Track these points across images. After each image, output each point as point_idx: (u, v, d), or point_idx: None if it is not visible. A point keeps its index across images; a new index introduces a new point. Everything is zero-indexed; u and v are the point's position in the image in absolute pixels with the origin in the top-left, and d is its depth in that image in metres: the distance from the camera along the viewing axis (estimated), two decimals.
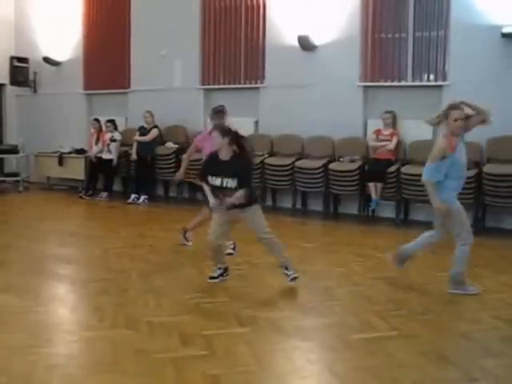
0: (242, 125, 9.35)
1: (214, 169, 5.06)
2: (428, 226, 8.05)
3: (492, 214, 8.04)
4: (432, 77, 8.66)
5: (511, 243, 7.26)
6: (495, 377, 3.58)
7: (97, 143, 10.85)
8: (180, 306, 4.74)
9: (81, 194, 10.68)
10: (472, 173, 7.80)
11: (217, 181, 5.01)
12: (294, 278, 5.21)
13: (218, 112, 6.41)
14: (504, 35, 7.77)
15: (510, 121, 7.67)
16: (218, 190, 5.09)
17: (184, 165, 6.91)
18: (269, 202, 9.40)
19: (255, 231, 5.21)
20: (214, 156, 5.13)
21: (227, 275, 5.41)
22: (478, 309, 4.84)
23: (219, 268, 5.37)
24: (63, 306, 4.88)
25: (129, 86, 11.25)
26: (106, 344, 3.92)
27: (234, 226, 5.50)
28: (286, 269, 5.23)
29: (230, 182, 4.97)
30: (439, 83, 8.50)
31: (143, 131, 10.30)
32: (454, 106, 5.14)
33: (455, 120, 5.02)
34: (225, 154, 5.03)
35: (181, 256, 6.40)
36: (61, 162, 11.43)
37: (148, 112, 10.29)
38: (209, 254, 5.39)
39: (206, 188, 5.32)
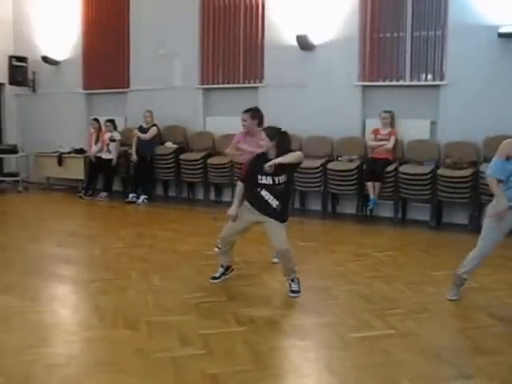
0: (241, 124, 9.44)
1: (263, 168, 5.03)
2: (425, 225, 8.19)
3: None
4: (430, 76, 8.70)
5: (507, 241, 7.25)
6: (489, 374, 3.62)
7: (96, 143, 10.87)
8: (179, 305, 4.78)
9: (80, 194, 10.71)
10: (468, 172, 7.86)
11: (268, 179, 5.03)
12: (297, 294, 5.08)
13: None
14: (501, 35, 7.80)
15: (507, 120, 7.71)
16: (267, 188, 5.07)
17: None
18: None
19: (271, 241, 5.15)
20: (262, 156, 5.13)
21: (231, 271, 5.50)
22: (473, 307, 4.89)
23: (222, 266, 5.43)
24: (63, 306, 4.91)
25: (128, 86, 11.27)
26: (105, 344, 3.97)
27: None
28: (293, 281, 5.13)
29: (282, 179, 5.02)
30: (437, 83, 8.54)
31: (142, 130, 10.32)
32: None
33: None
34: (272, 154, 5.06)
35: (180, 256, 6.44)
36: (60, 162, 11.45)
37: (148, 112, 10.32)
38: (218, 249, 5.58)
39: (240, 189, 5.28)
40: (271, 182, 5.03)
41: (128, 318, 4.44)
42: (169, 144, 10.39)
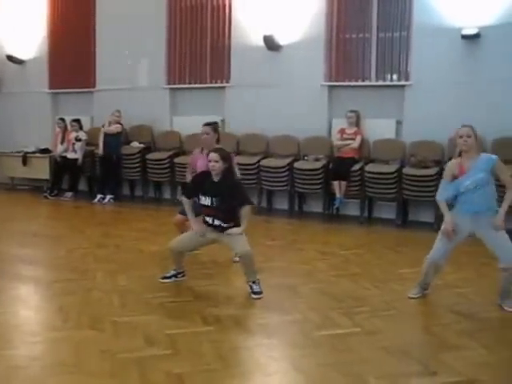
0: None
1: (205, 188, 5.05)
2: (391, 223, 8.27)
3: None
4: (395, 77, 8.81)
5: (471, 240, 7.38)
6: (454, 369, 3.66)
7: (62, 143, 10.75)
8: (144, 305, 4.73)
9: (45, 194, 10.57)
10: (433, 171, 7.96)
11: (207, 200, 5.02)
12: (260, 295, 5.03)
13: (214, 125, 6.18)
14: (464, 37, 7.95)
15: (470, 120, 7.71)
16: (205, 209, 5.08)
17: None
18: None
19: (234, 249, 5.15)
20: (206, 175, 5.12)
21: (182, 276, 5.39)
22: (438, 304, 4.96)
23: (174, 269, 5.37)
24: (26, 307, 4.82)
25: (94, 86, 11.16)
26: (69, 345, 3.90)
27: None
28: (254, 283, 5.08)
29: (219, 201, 4.99)
30: (402, 83, 8.65)
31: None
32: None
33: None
34: (215, 176, 5.03)
35: (146, 256, 6.39)
36: (25, 162, 11.28)
37: (118, 111, 10.22)
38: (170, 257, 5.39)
39: (188, 205, 5.22)
40: (209, 204, 5.02)
41: (92, 318, 4.37)
42: (135, 144, 10.33)
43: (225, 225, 5.04)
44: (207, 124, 6.10)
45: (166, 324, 4.30)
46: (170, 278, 5.36)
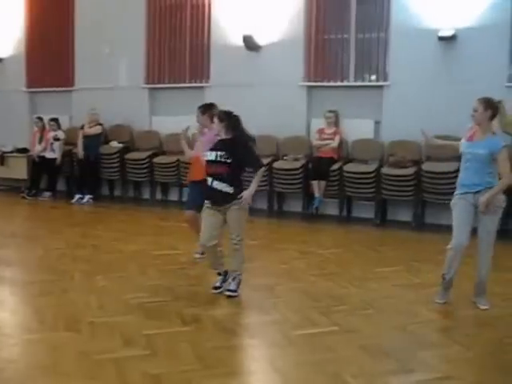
0: (187, 124, 9.37)
1: (213, 145, 5.05)
2: (370, 222, 8.32)
3: (431, 210, 8.28)
4: (373, 77, 8.87)
5: (448, 238, 7.43)
6: (431, 367, 3.71)
7: (40, 142, 10.64)
8: (122, 306, 4.71)
9: (23, 194, 10.45)
10: (411, 171, 8.03)
11: (212, 155, 4.96)
12: (232, 293, 4.98)
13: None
14: (440, 38, 8.04)
15: (447, 120, 7.90)
16: (209, 166, 5.00)
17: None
18: None
19: (229, 232, 5.06)
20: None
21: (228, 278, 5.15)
22: (416, 302, 4.99)
23: (219, 274, 5.17)
24: (2, 309, 4.75)
25: (73, 85, 11.08)
26: (46, 347, 3.87)
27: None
28: (233, 280, 5.04)
29: (224, 156, 4.90)
30: (380, 83, 8.72)
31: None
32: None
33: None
34: (223, 134, 5.06)
35: (124, 256, 6.34)
36: (2, 162, 11.16)
37: (94, 110, 10.15)
38: (208, 258, 5.23)
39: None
40: (213, 158, 4.95)
41: (70, 319, 4.34)
42: (114, 143, 10.27)
43: (226, 189, 4.90)
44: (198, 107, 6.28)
45: (144, 324, 4.29)
46: (220, 287, 5.12)
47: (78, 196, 10.03)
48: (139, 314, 4.51)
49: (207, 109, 6.15)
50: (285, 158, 8.98)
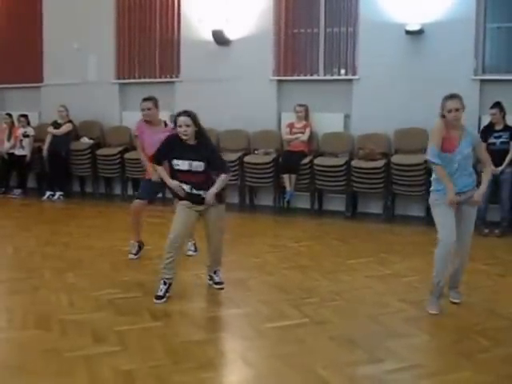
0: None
1: (179, 152, 4.75)
2: (341, 215, 8.40)
3: (400, 202, 8.38)
4: (343, 71, 8.92)
5: (418, 229, 7.59)
6: (399, 356, 3.77)
7: (9, 139, 10.49)
8: (93, 302, 4.70)
9: None
10: (381, 163, 8.11)
11: (184, 165, 4.73)
12: (222, 285, 5.04)
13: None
14: (408, 32, 8.13)
15: (416, 113, 8.03)
16: (182, 174, 4.78)
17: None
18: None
19: (210, 229, 4.91)
20: (175, 138, 4.78)
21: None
22: (386, 293, 5.06)
23: (164, 282, 4.77)
24: None
25: (42, 80, 10.95)
26: (14, 345, 3.85)
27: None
28: (215, 273, 5.09)
29: (199, 166, 4.73)
30: (349, 77, 8.77)
31: (57, 126, 10.07)
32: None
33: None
34: (189, 140, 4.74)
35: (95, 252, 6.31)
36: None
37: (62, 107, 10.06)
38: (166, 257, 4.79)
39: (161, 170, 4.95)
40: (186, 168, 4.75)
41: (39, 317, 4.32)
42: (84, 139, 10.18)
43: (205, 194, 4.78)
44: (147, 99, 6.05)
45: (114, 321, 4.29)
46: (163, 297, 4.73)
47: (48, 193, 9.93)
48: (110, 311, 4.51)
49: (157, 103, 6.11)
50: (256, 152, 9.01)
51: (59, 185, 9.99)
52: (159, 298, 4.70)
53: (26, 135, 10.32)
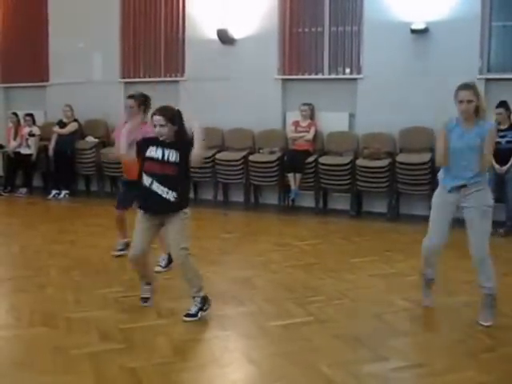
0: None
1: (155, 143, 4.27)
2: (346, 214, 8.41)
3: (405, 201, 8.39)
4: (347, 70, 8.92)
5: (423, 228, 7.54)
6: (404, 355, 3.79)
7: (15, 138, 10.54)
8: (99, 300, 4.72)
9: None
10: (386, 162, 8.12)
11: (158, 152, 4.22)
12: (189, 318, 4.29)
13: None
14: (413, 31, 8.12)
15: (420, 112, 8.02)
16: (150, 164, 4.25)
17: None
18: (190, 195, 9.42)
19: (170, 245, 4.40)
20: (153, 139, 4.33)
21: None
22: (390, 291, 5.06)
23: (148, 283, 4.63)
24: None
25: (48, 80, 10.98)
26: (21, 343, 3.88)
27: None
28: (194, 300, 4.35)
29: (173, 155, 4.20)
30: (354, 76, 8.77)
31: (62, 125, 10.12)
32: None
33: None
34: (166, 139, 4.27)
35: (101, 251, 6.32)
36: None
37: (67, 106, 10.11)
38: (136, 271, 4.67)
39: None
40: (160, 157, 4.21)
41: (46, 315, 4.35)
42: (90, 138, 10.22)
43: (166, 195, 4.22)
44: (131, 96, 5.78)
45: (120, 319, 4.31)
46: (148, 298, 4.62)
47: (54, 192, 9.97)
48: (115, 309, 4.53)
49: (143, 102, 5.73)
50: (260, 151, 9.02)
51: (65, 183, 10.04)
52: (144, 299, 4.61)
53: (31, 134, 10.36)
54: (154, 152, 4.23)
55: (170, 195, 4.21)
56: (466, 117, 4.28)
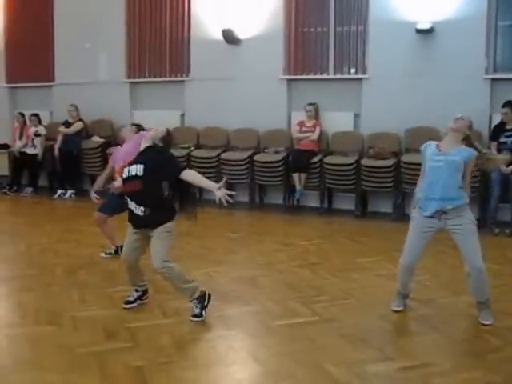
0: (168, 118, 9.40)
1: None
2: (351, 214, 8.39)
3: (410, 201, 8.32)
4: (353, 70, 8.91)
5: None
6: (410, 355, 3.78)
7: (21, 138, 10.58)
8: (105, 299, 4.74)
9: (5, 190, 10.37)
10: (391, 162, 8.10)
11: (137, 168, 4.21)
12: (196, 318, 4.29)
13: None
14: (418, 31, 8.09)
15: (426, 112, 8.01)
16: (129, 184, 4.28)
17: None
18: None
19: (152, 259, 4.25)
20: None
21: (146, 298, 4.66)
22: (396, 292, 5.04)
23: (136, 290, 4.63)
24: None
25: (53, 80, 11.01)
26: (27, 341, 3.89)
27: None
28: (193, 304, 4.35)
29: (137, 169, 4.19)
30: (359, 76, 8.75)
31: (67, 125, 10.15)
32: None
33: None
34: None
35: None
36: None
37: (72, 106, 10.13)
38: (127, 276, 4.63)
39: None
40: (139, 173, 4.19)
41: (52, 314, 4.36)
42: (95, 138, 10.25)
43: (136, 210, 4.23)
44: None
45: (125, 317, 4.32)
46: (133, 302, 4.59)
47: (60, 191, 10.00)
48: (121, 308, 4.53)
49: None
50: (265, 150, 9.02)
51: (70, 183, 10.06)
52: (128, 302, 4.56)
53: (37, 134, 10.38)
54: (125, 172, 4.30)
55: (138, 210, 4.22)
56: (454, 138, 4.37)
